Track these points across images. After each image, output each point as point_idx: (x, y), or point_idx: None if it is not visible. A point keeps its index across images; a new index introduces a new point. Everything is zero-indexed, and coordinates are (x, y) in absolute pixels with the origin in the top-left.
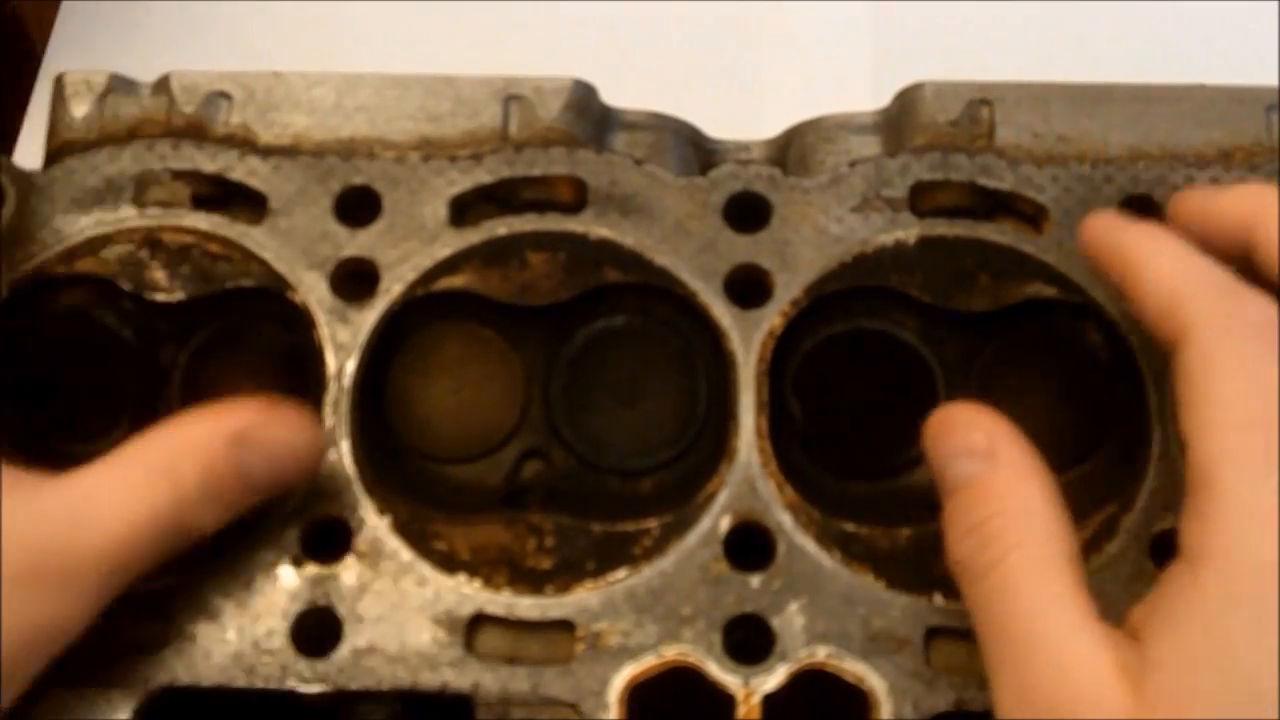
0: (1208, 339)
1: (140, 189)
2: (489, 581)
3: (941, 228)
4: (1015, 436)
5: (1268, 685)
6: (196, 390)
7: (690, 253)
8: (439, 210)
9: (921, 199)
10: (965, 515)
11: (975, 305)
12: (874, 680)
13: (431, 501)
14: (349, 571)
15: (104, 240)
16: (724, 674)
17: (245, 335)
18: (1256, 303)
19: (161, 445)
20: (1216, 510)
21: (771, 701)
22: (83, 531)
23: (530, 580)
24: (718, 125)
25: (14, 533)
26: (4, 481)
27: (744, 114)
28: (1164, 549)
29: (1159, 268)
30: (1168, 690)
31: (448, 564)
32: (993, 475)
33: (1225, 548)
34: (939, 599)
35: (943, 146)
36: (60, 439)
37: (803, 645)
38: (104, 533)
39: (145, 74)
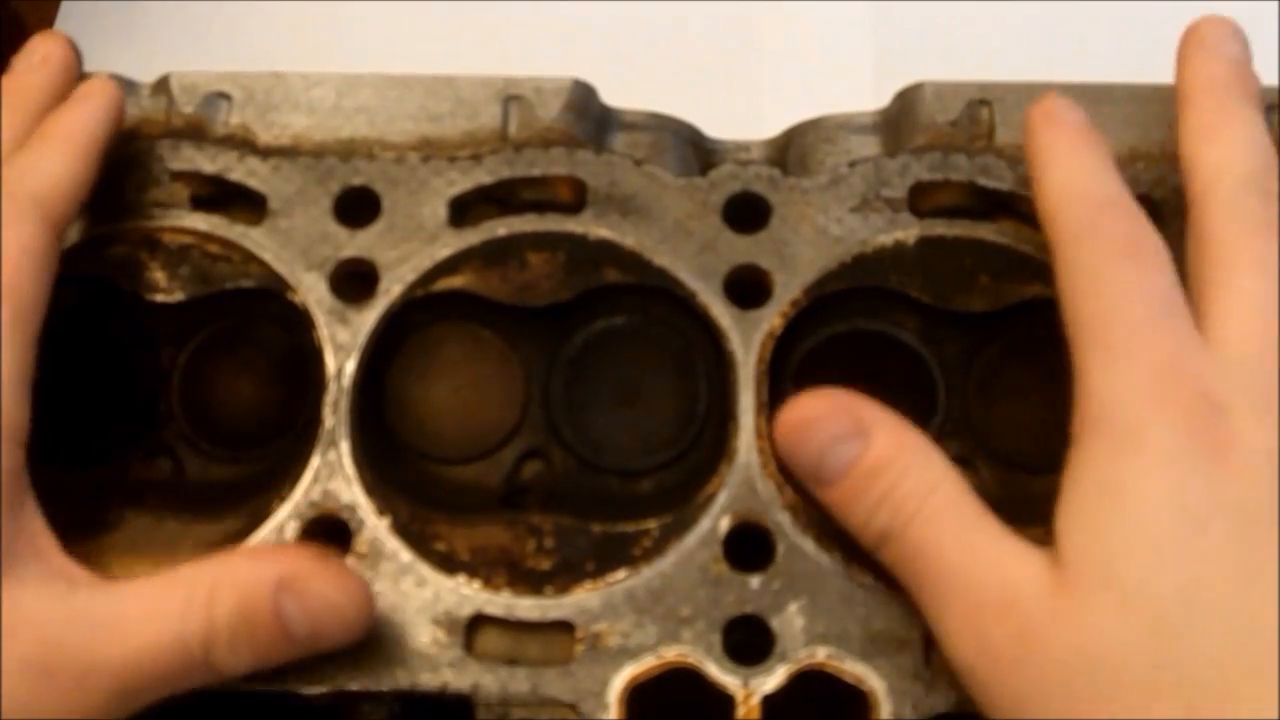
0: (1068, 251)
1: (139, 189)
2: (489, 582)
3: (941, 228)
4: (861, 400)
5: (1164, 517)
6: (195, 391)
7: (690, 253)
8: (438, 211)
9: (921, 199)
10: (866, 494)
11: (975, 305)
12: (874, 681)
13: (431, 502)
14: None
15: (102, 241)
16: (723, 675)
17: (244, 336)
18: (1114, 217)
19: (207, 574)
20: (1084, 387)
21: (771, 702)
22: (106, 642)
23: (530, 581)
24: (717, 125)
25: (40, 624)
26: (44, 570)
27: (744, 114)
28: None
29: (1051, 175)
30: (1077, 547)
31: (447, 565)
32: (875, 446)
33: (1097, 413)
34: None
35: (942, 146)
36: (58, 440)
37: (802, 646)
38: (127, 649)
39: (144, 74)
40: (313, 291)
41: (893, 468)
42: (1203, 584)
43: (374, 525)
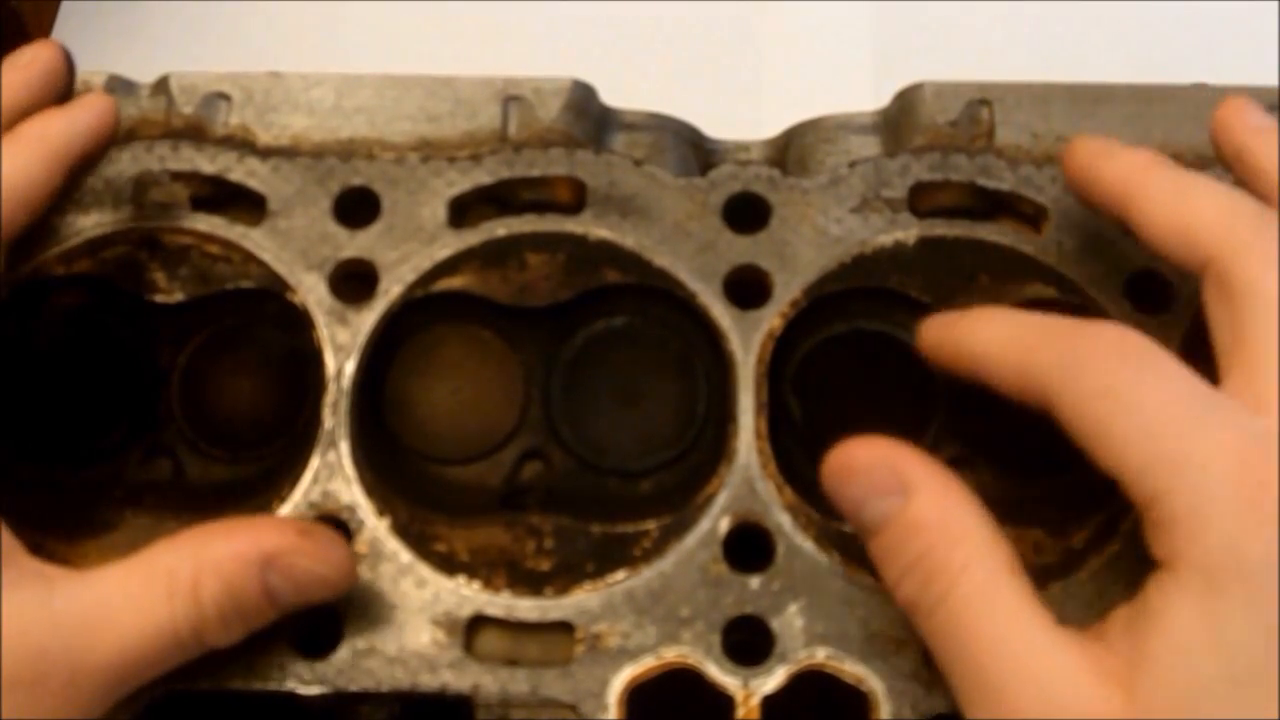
0: (1069, 391)
1: (139, 190)
2: (488, 583)
3: (941, 228)
4: (918, 458)
5: (1263, 661)
6: (195, 391)
7: (689, 253)
8: (438, 211)
9: (921, 199)
10: (898, 556)
11: (974, 305)
12: (873, 681)
13: (431, 503)
14: None
15: (103, 241)
16: (723, 675)
17: (244, 336)
18: (1095, 334)
19: (188, 558)
20: (1161, 511)
21: (771, 703)
22: (94, 641)
23: (530, 582)
24: (717, 125)
25: (20, 633)
26: (15, 575)
27: (743, 114)
28: None
29: (993, 349)
30: (1164, 683)
31: (447, 565)
32: (912, 507)
33: (1186, 536)
34: None
35: (942, 147)
36: (59, 441)
37: (802, 647)
38: (116, 644)
39: (144, 75)
40: (312, 292)
41: (924, 535)
42: None
43: (374, 526)
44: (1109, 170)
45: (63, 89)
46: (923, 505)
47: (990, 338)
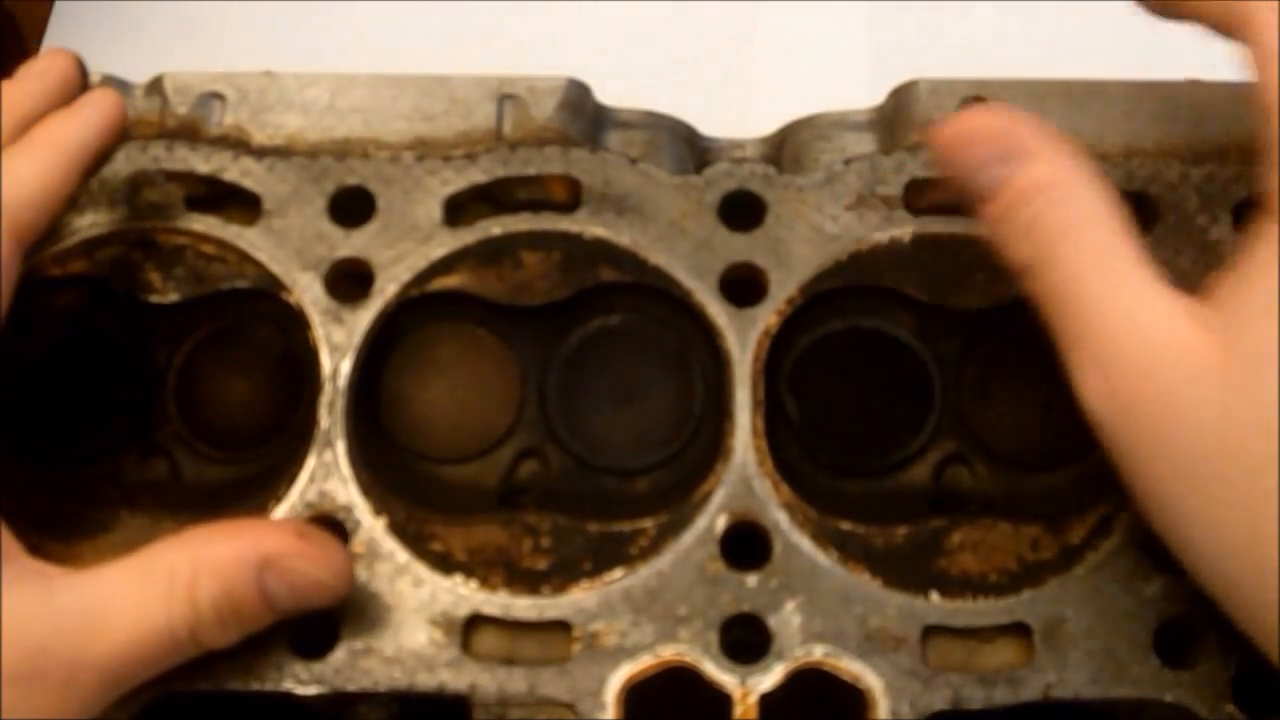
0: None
1: (134, 190)
2: (485, 582)
3: (936, 225)
4: (1035, 125)
5: None
6: (191, 392)
7: (685, 251)
8: (433, 210)
9: (917, 196)
10: (1016, 216)
11: (971, 302)
12: (871, 679)
13: (427, 502)
14: None
15: (98, 242)
16: (721, 673)
17: (240, 336)
18: None
19: (187, 559)
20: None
21: (768, 701)
22: (92, 639)
23: (526, 581)
24: (712, 123)
25: (21, 632)
26: (15, 574)
27: (738, 112)
28: (1161, 547)
29: None
30: (1255, 337)
31: (444, 565)
32: (1033, 170)
33: None
34: (935, 597)
35: None
36: (55, 441)
37: (799, 644)
38: (114, 642)
39: (139, 75)
40: (308, 292)
41: (1048, 194)
42: None
43: (370, 525)
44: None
45: (75, 96)
46: (1041, 168)
47: None
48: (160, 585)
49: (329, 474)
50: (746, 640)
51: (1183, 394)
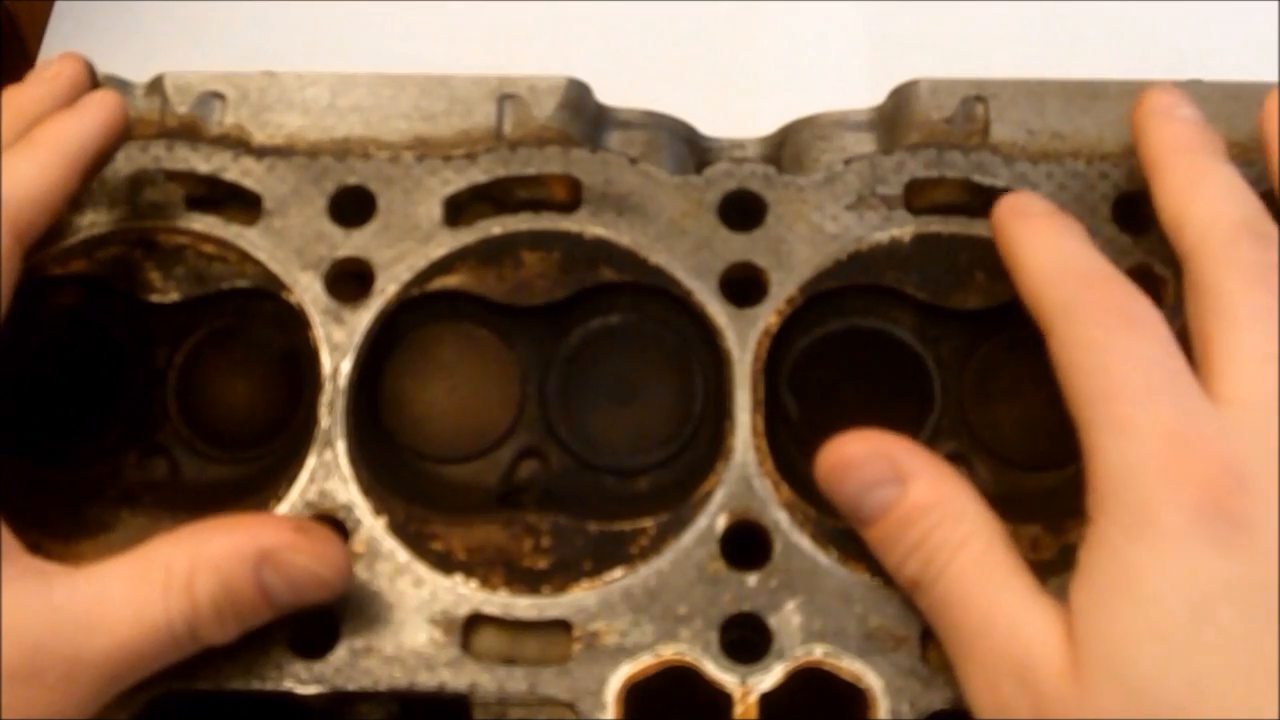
0: (1062, 326)
1: (134, 190)
2: (485, 582)
3: (937, 225)
4: (909, 445)
5: (1182, 618)
6: (191, 391)
7: (685, 251)
8: (433, 210)
9: (917, 196)
10: (900, 540)
11: (971, 303)
12: (871, 679)
13: (427, 502)
14: None
15: (98, 241)
16: (721, 673)
17: (240, 336)
18: (1103, 289)
19: (185, 554)
20: (1094, 465)
21: (768, 700)
22: (91, 635)
23: (527, 580)
24: (713, 123)
25: (20, 629)
26: (14, 572)
27: (739, 112)
28: None
29: (1030, 260)
30: (1092, 634)
31: (444, 564)
32: (911, 494)
33: (1108, 493)
34: None
35: (938, 143)
36: (55, 441)
37: (799, 644)
38: (113, 639)
39: (139, 74)
40: (308, 291)
41: (928, 517)
42: (1210, 676)
43: (371, 525)
44: (1154, 134)
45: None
46: (921, 490)
47: (1035, 247)
48: (158, 581)
49: (329, 473)
50: (746, 640)
51: (1053, 699)
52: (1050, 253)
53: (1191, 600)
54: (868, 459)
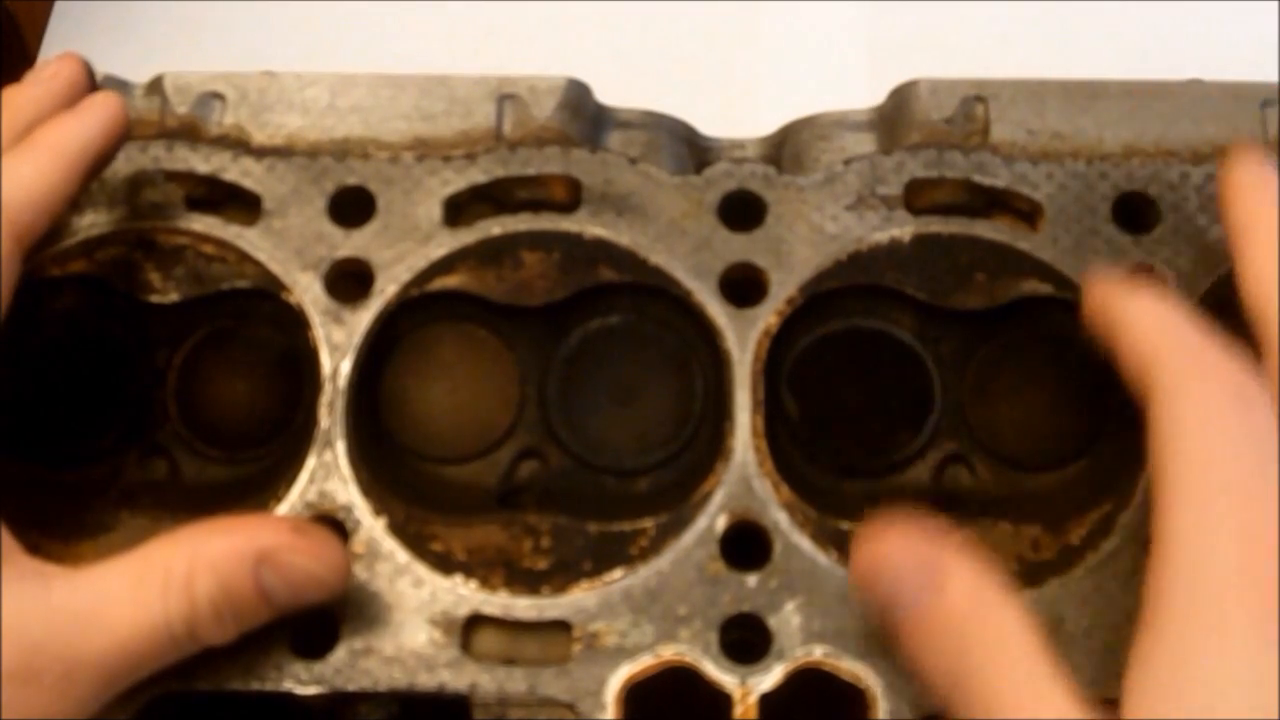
0: (1168, 402)
1: (134, 190)
2: (485, 582)
3: (937, 225)
4: (942, 543)
5: (1236, 713)
6: (191, 392)
7: (685, 251)
8: (433, 210)
9: (917, 196)
10: (932, 644)
11: (971, 303)
12: (871, 679)
13: (427, 502)
14: None
15: (98, 242)
16: (721, 674)
17: (240, 337)
18: (1223, 364)
19: (184, 554)
20: (1167, 551)
21: (768, 701)
22: (89, 636)
23: (527, 581)
24: (712, 123)
25: (19, 630)
26: (13, 572)
27: (739, 112)
28: None
29: (1139, 324)
30: None
31: (444, 565)
32: (944, 600)
33: (1179, 586)
34: None
35: (938, 143)
36: (55, 441)
37: (799, 644)
38: (111, 639)
39: (138, 75)
40: (308, 292)
41: (958, 627)
42: None
43: (370, 525)
44: (1251, 207)
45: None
46: (954, 598)
47: (1145, 312)
48: (157, 581)
49: (329, 474)
50: (746, 640)
51: None
52: (1164, 320)
53: (1255, 707)
54: (905, 560)
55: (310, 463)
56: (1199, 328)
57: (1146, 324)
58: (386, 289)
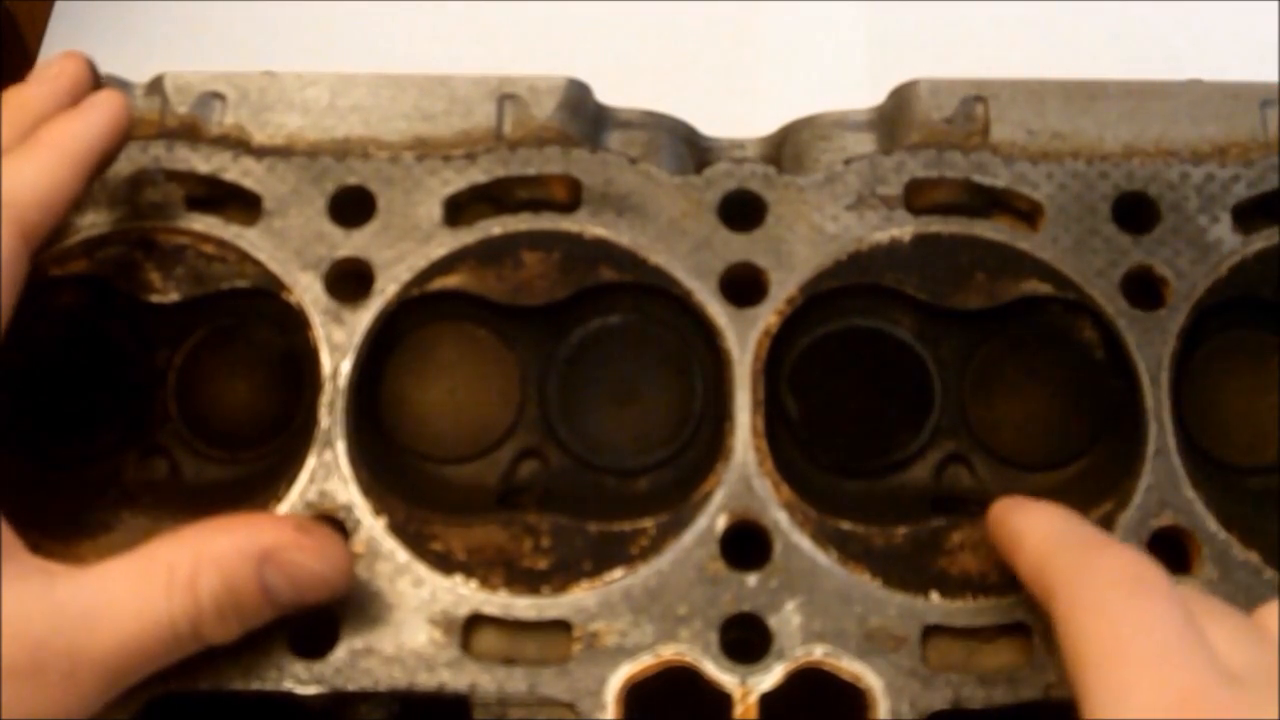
0: (1066, 595)
1: (134, 190)
2: (485, 582)
3: (937, 225)
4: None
5: None
6: (191, 391)
7: (685, 251)
8: (433, 210)
9: (917, 196)
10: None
11: (971, 302)
12: (870, 679)
13: (427, 502)
14: None
15: (98, 242)
16: (721, 673)
17: (240, 336)
18: (1112, 554)
19: (187, 553)
20: None
21: (768, 700)
22: (93, 633)
23: (527, 580)
24: (712, 123)
25: (22, 626)
26: (16, 570)
27: (739, 112)
28: (1161, 546)
29: (1032, 533)
30: None
31: (444, 564)
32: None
33: None
34: (935, 597)
35: (938, 144)
36: (56, 441)
37: (799, 644)
38: (115, 637)
39: (139, 75)
40: (308, 291)
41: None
42: None
43: (370, 525)
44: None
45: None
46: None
47: (1036, 522)
48: (161, 579)
49: (329, 474)
50: (746, 640)
51: None
52: (1054, 524)
53: None
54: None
55: (310, 462)
56: (1087, 533)
57: (1040, 526)
58: (387, 289)
